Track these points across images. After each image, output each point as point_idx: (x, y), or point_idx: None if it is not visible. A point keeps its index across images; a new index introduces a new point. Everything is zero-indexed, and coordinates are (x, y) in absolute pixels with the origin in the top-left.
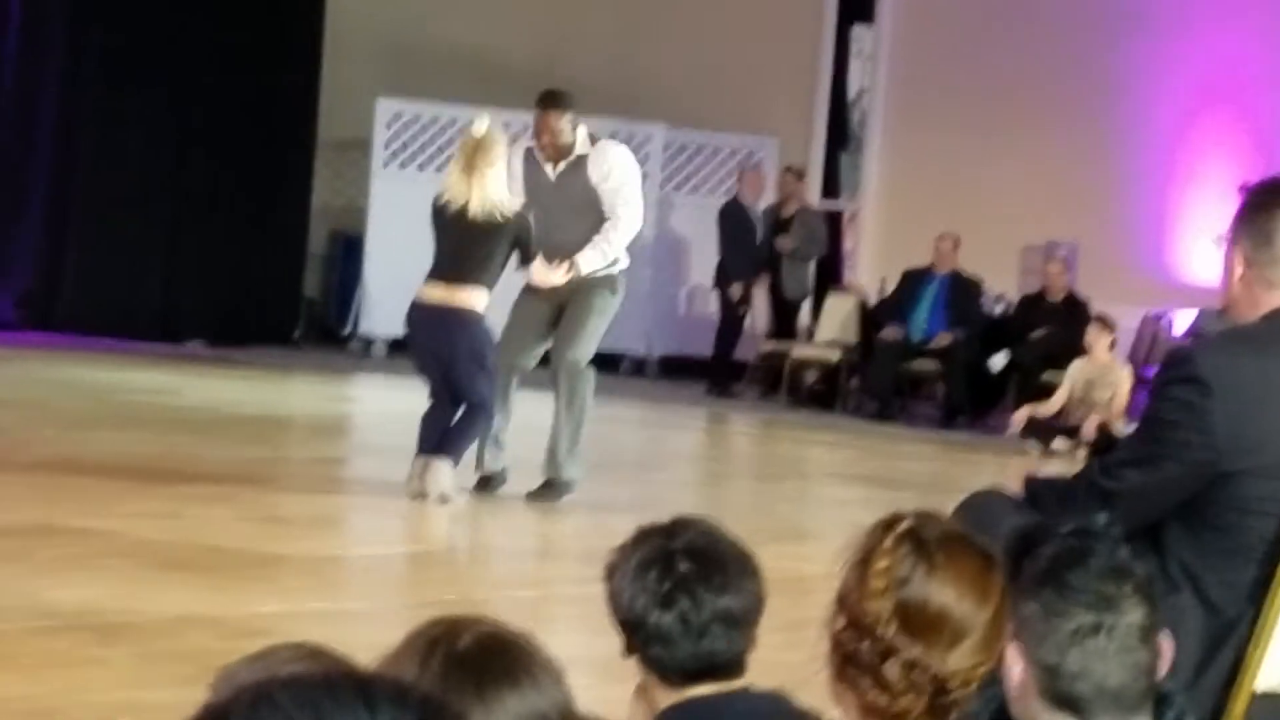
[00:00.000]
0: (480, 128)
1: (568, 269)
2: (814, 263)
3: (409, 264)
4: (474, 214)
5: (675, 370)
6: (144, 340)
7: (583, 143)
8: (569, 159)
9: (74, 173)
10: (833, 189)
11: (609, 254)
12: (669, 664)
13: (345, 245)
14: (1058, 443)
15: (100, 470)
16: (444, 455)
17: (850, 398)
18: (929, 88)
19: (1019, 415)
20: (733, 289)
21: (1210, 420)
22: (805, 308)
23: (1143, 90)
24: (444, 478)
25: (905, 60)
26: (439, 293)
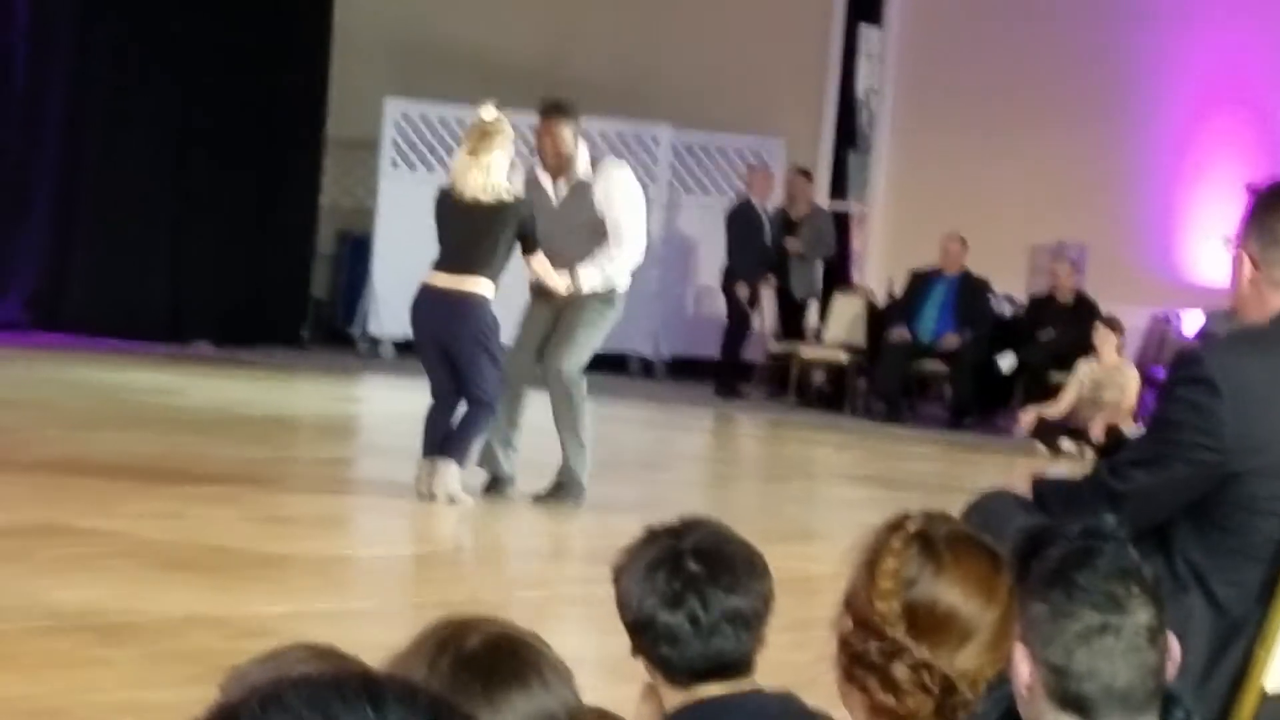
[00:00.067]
0: (488, 114)
1: (568, 279)
2: (822, 263)
3: (417, 264)
4: (475, 197)
5: (683, 371)
6: (150, 340)
7: (584, 165)
8: (571, 182)
9: (81, 173)
10: (840, 190)
11: (609, 276)
12: (677, 664)
13: (353, 245)
14: (1065, 444)
15: (105, 470)
16: (450, 457)
17: (858, 398)
18: (937, 88)
19: (1027, 416)
20: (739, 290)
21: (1218, 421)
22: (813, 308)
23: (1151, 90)
24: (451, 480)
25: (913, 60)
26: (445, 280)
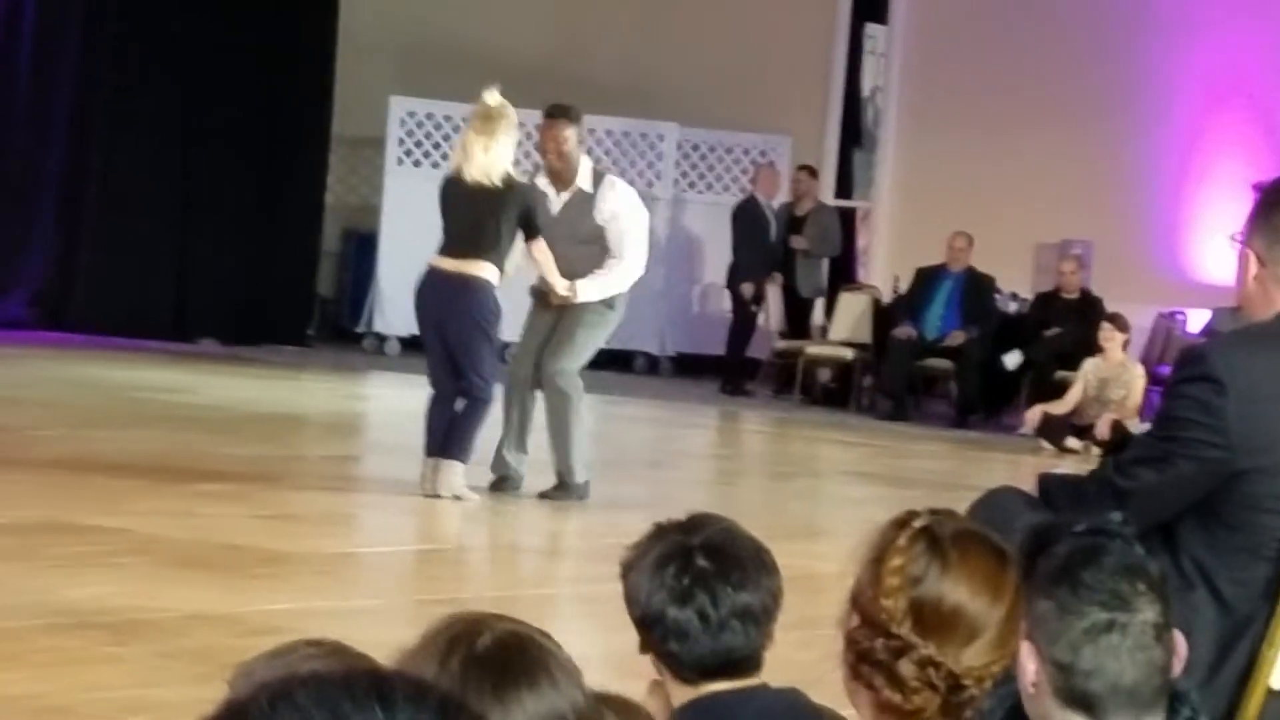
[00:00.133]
0: (492, 98)
1: (569, 291)
2: (828, 261)
3: (422, 262)
4: (478, 181)
5: (688, 368)
6: (157, 339)
7: (586, 176)
8: (572, 191)
9: (86, 172)
10: (846, 187)
11: (609, 290)
12: (686, 660)
13: (358, 243)
14: (1071, 441)
15: (112, 468)
16: (452, 458)
17: (864, 396)
18: (942, 86)
19: (1032, 414)
20: (744, 288)
21: (1224, 418)
22: (819, 306)
23: (1157, 89)
24: (456, 480)
25: (918, 59)
26: (449, 264)
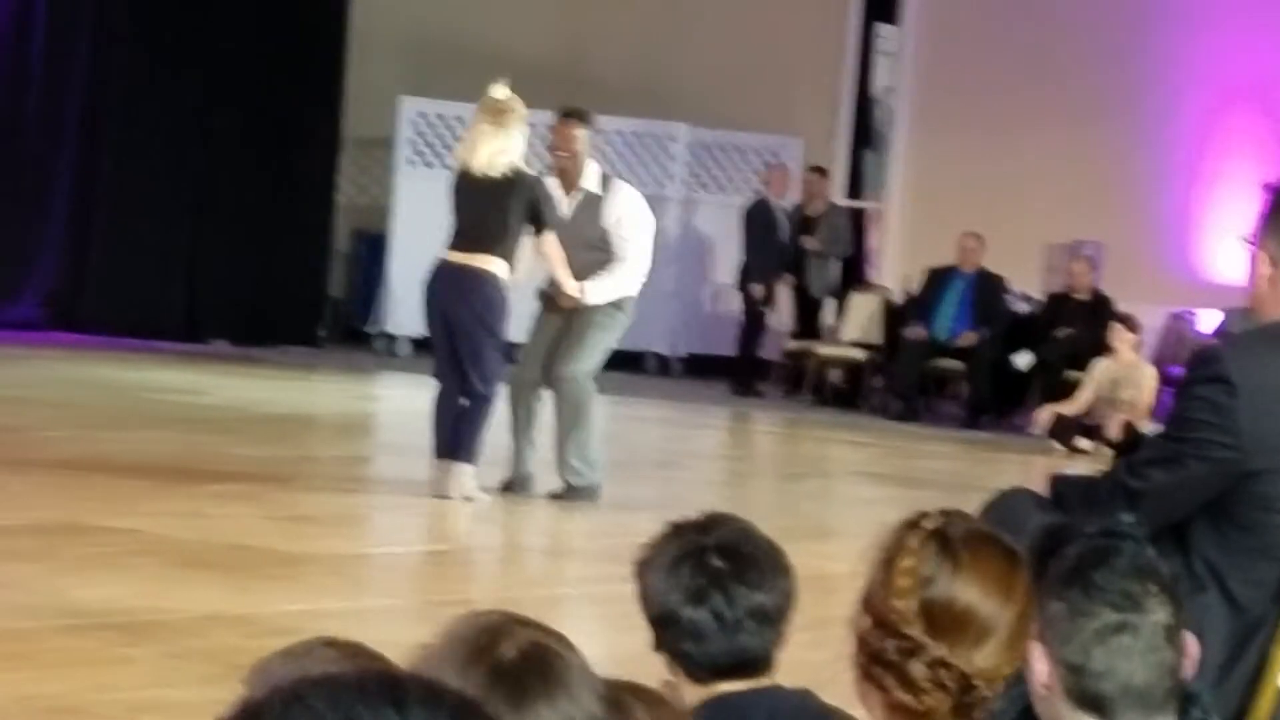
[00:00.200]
0: (500, 92)
1: (578, 292)
2: (839, 262)
3: (433, 262)
4: (485, 173)
5: (699, 369)
6: (168, 339)
7: (593, 179)
8: (580, 195)
9: (98, 172)
10: (857, 188)
11: (617, 293)
12: (700, 660)
13: (369, 244)
14: (1082, 442)
15: (125, 469)
16: (462, 460)
17: (874, 396)
18: (953, 86)
19: (1043, 414)
20: (755, 289)
21: (1236, 419)
22: (830, 307)
23: (1168, 89)
24: (466, 482)
25: (929, 59)
26: (458, 257)
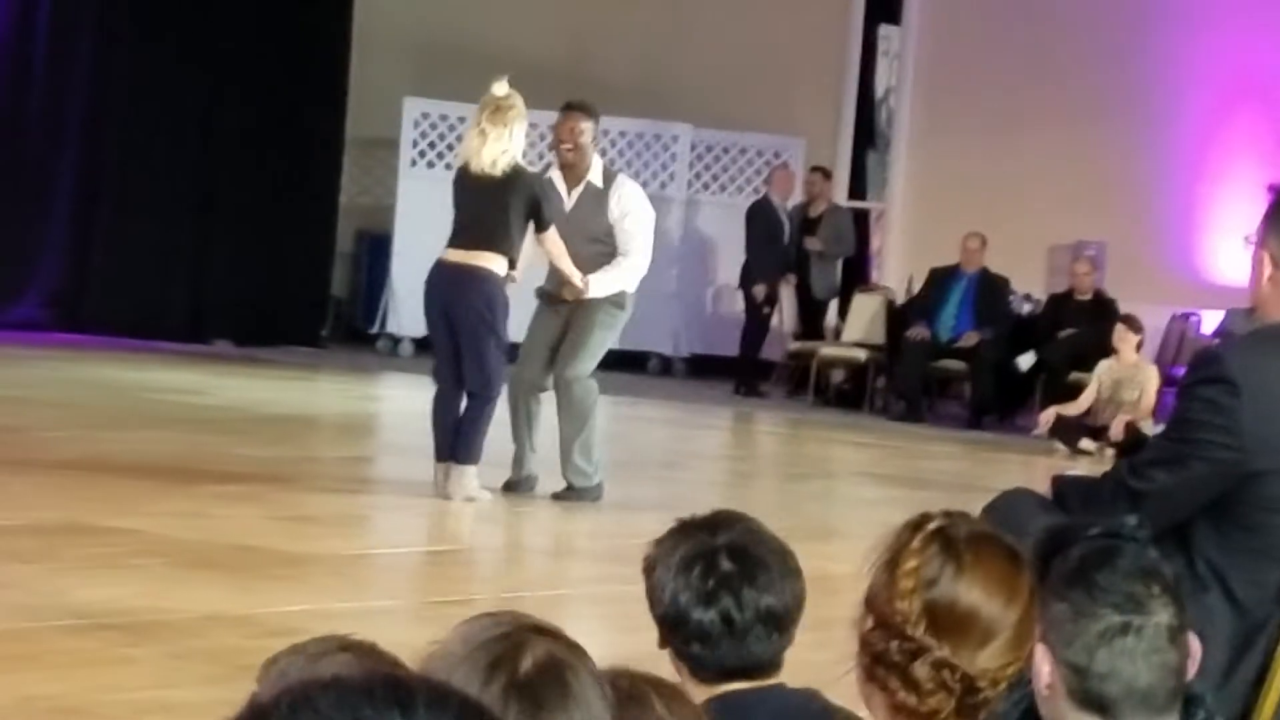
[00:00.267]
0: (500, 89)
1: (583, 284)
2: (841, 262)
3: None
4: (486, 171)
5: (702, 369)
6: (171, 340)
7: (597, 173)
8: (584, 187)
9: (101, 172)
10: (860, 188)
11: (619, 286)
12: (708, 662)
13: (372, 244)
14: (1085, 442)
15: (127, 470)
16: (464, 461)
17: (877, 397)
18: (956, 87)
19: (1046, 415)
20: (756, 289)
21: (1238, 420)
22: (833, 307)
23: (1171, 89)
24: (469, 483)
25: (932, 60)
26: (457, 255)
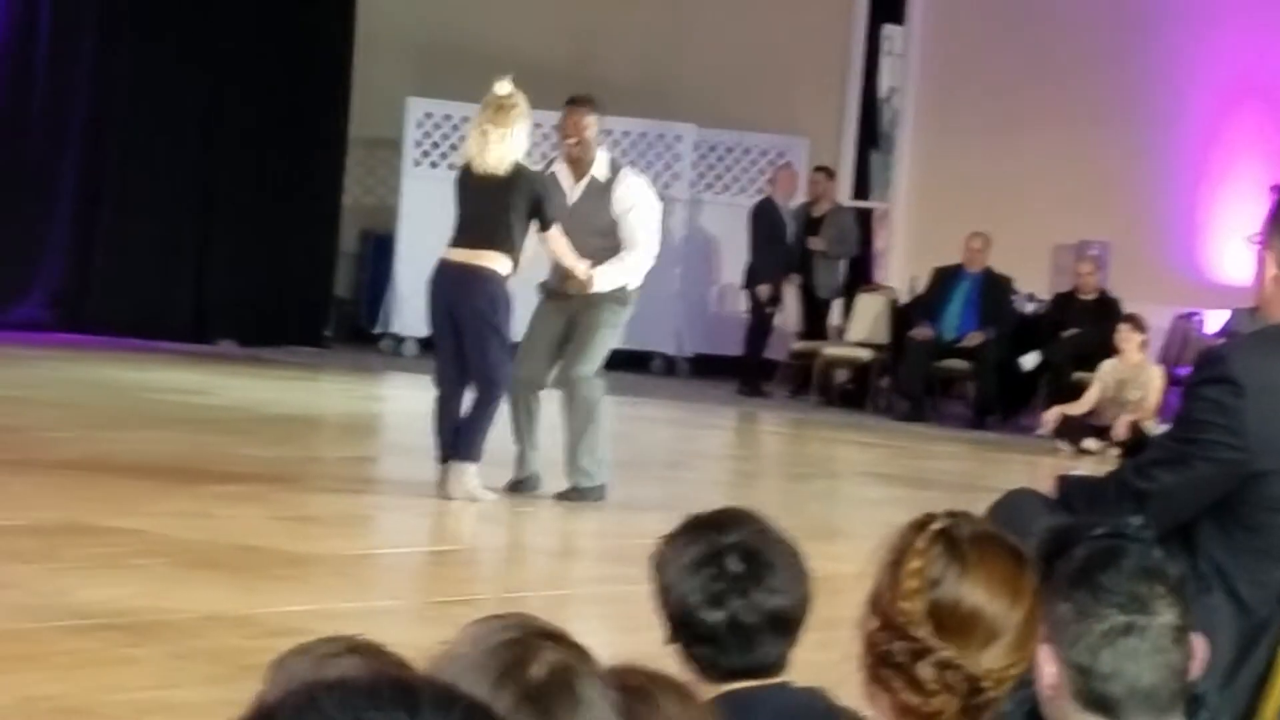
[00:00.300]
0: (503, 88)
1: (588, 275)
2: (845, 262)
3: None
4: (489, 170)
5: (706, 369)
6: (174, 340)
7: (603, 166)
8: (588, 181)
9: (104, 172)
10: (863, 188)
11: (625, 279)
12: (715, 662)
13: (376, 244)
14: (1089, 442)
15: (130, 470)
16: (465, 459)
17: (881, 397)
18: (959, 87)
19: (1050, 415)
20: (760, 289)
21: (1242, 420)
22: (836, 307)
23: (1175, 89)
24: (469, 481)
25: (936, 59)
26: (460, 255)
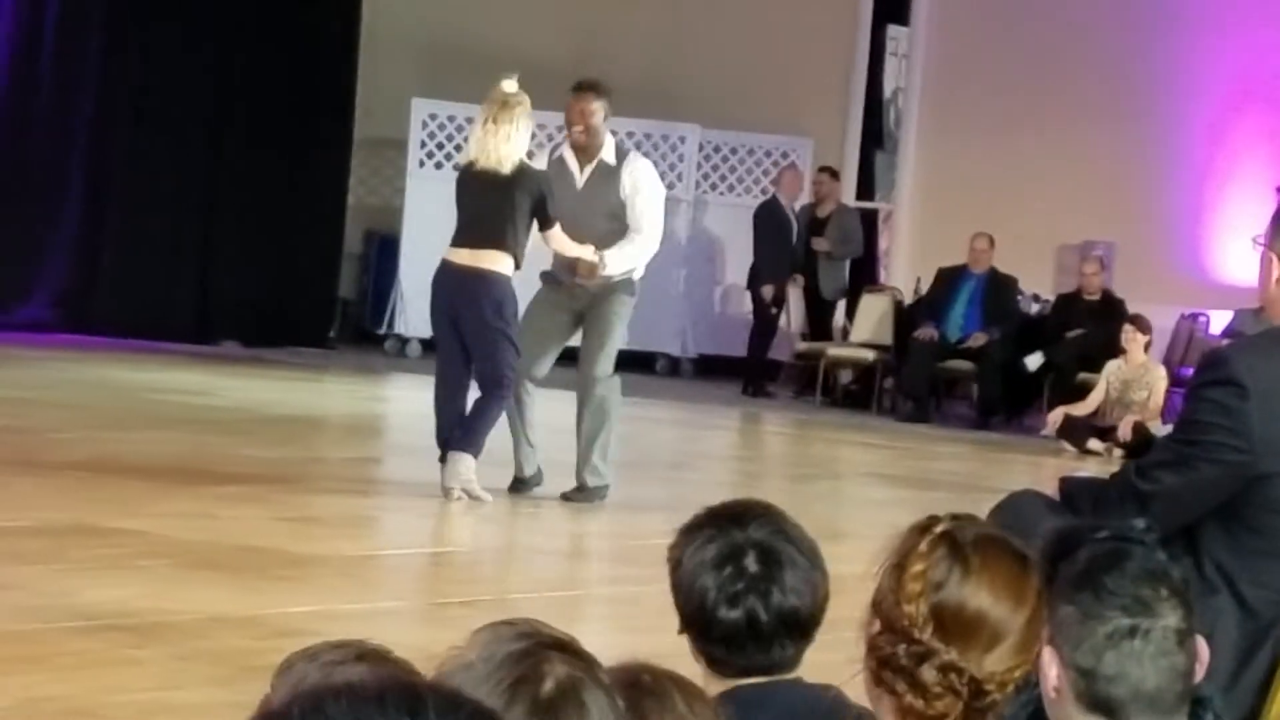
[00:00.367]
0: (509, 86)
1: (596, 258)
2: (849, 263)
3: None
4: (493, 168)
5: (710, 370)
6: (179, 341)
7: (610, 151)
8: (596, 165)
9: (109, 173)
10: (867, 189)
11: (634, 262)
12: (729, 660)
13: (380, 245)
14: (1093, 443)
15: (134, 470)
16: (464, 449)
17: (885, 398)
18: (964, 87)
19: (1054, 415)
20: (764, 290)
21: (1246, 422)
22: (840, 308)
23: (1180, 90)
24: (466, 472)
25: (940, 60)
26: (464, 256)
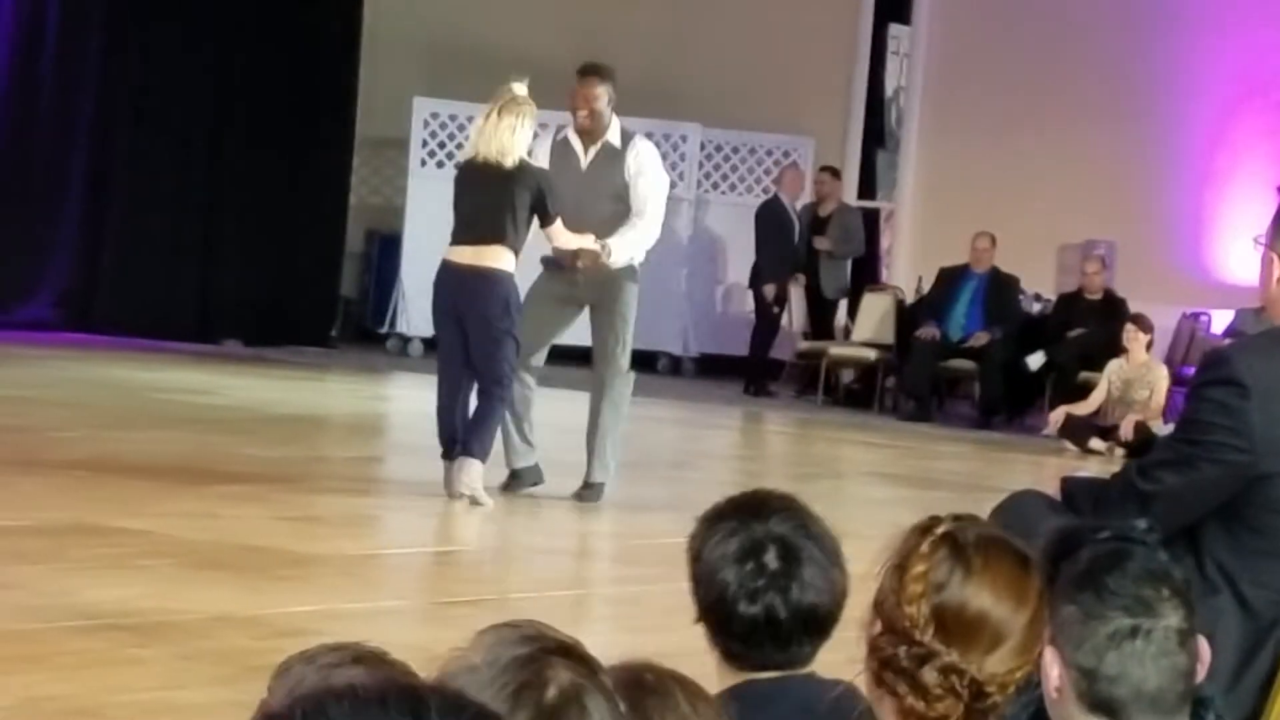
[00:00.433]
0: (520, 88)
1: (600, 247)
2: (851, 262)
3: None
4: (495, 160)
5: (712, 369)
6: (181, 340)
7: (615, 133)
8: (600, 146)
9: (111, 173)
10: (869, 188)
11: (636, 249)
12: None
13: (382, 244)
14: (1095, 442)
15: (137, 470)
16: (473, 456)
17: (887, 397)
18: (965, 87)
19: (1056, 415)
20: (766, 289)
21: (1248, 422)
22: (842, 307)
23: (1181, 89)
24: (475, 478)
25: (941, 59)
26: (466, 255)
